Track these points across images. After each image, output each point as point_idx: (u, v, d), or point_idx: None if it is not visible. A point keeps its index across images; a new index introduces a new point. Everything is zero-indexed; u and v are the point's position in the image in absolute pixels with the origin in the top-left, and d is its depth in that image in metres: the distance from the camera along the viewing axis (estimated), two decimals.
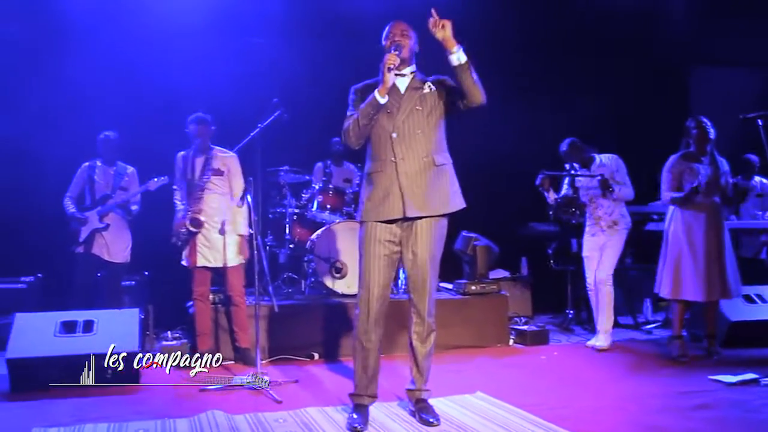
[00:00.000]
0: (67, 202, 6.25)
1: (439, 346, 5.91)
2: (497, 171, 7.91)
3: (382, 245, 3.96)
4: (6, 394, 4.84)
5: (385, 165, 3.95)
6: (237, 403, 4.53)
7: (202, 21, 7.33)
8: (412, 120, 3.95)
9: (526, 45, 8.25)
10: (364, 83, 4.11)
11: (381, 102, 3.87)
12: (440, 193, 3.99)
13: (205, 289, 5.68)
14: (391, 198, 3.92)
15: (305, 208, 6.78)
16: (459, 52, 3.79)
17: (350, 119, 3.98)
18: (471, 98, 3.86)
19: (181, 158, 5.76)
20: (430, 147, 3.97)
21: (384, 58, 3.85)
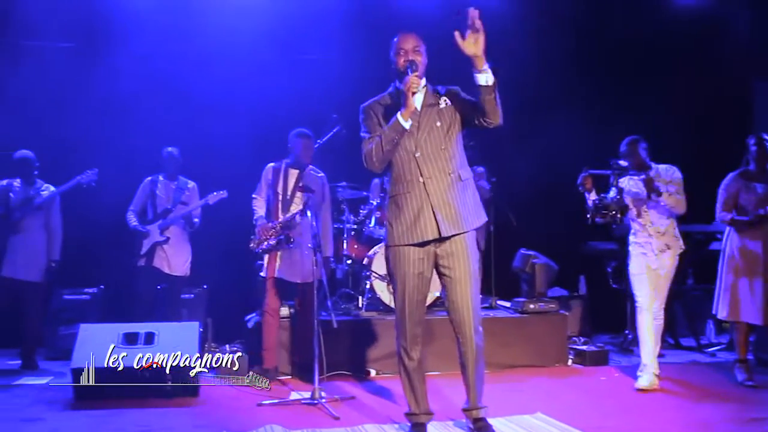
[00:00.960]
0: (130, 215, 6.37)
1: (496, 365, 5.95)
2: (556, 189, 7.79)
3: (414, 264, 3.89)
4: (70, 403, 4.94)
5: (412, 186, 3.85)
6: (294, 418, 4.54)
7: (258, 38, 7.44)
8: (433, 137, 3.87)
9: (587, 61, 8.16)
10: (371, 101, 4.04)
11: (405, 127, 3.77)
12: (470, 208, 3.91)
13: (277, 303, 5.70)
14: (422, 219, 3.82)
15: (363, 224, 6.79)
16: (488, 72, 3.67)
17: (371, 143, 3.86)
18: (490, 119, 3.77)
19: (272, 169, 5.79)
20: (454, 163, 3.90)
21: (406, 81, 3.75)
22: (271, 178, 5.77)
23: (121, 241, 6.48)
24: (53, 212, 6.35)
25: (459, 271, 3.88)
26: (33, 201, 6.22)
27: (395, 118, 3.77)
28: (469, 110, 3.88)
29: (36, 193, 6.29)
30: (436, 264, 3.93)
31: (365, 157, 3.88)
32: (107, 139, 7.19)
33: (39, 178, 6.38)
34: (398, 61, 3.91)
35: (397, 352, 4.02)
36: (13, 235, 6.17)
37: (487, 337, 5.79)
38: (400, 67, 3.88)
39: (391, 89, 4.05)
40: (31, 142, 6.52)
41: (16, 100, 6.97)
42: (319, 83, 7.41)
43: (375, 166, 3.89)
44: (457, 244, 3.87)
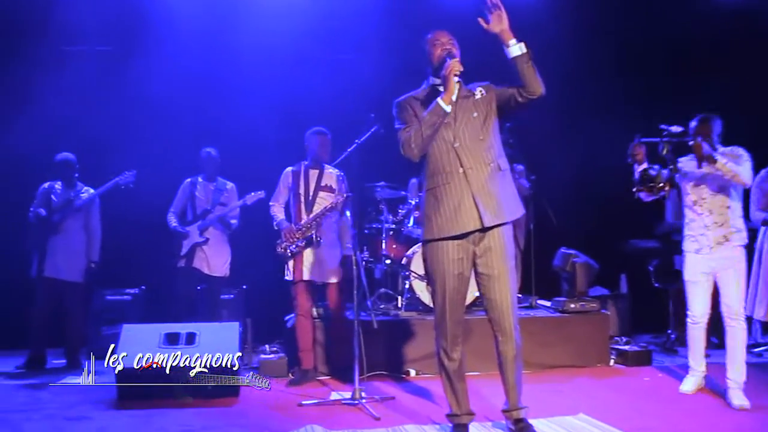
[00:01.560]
0: (170, 217, 6.43)
1: (537, 365, 5.90)
2: (597, 187, 7.73)
3: (454, 264, 3.85)
4: (114, 402, 5.00)
5: (452, 177, 3.82)
6: (335, 418, 4.54)
7: (295, 38, 7.48)
8: (470, 127, 3.86)
9: (629, 59, 8.04)
10: (406, 96, 4.04)
11: (447, 110, 3.77)
12: (509, 198, 3.89)
13: (308, 304, 5.71)
14: (463, 210, 3.78)
15: (401, 223, 6.78)
16: (519, 43, 3.72)
17: (409, 131, 3.85)
18: (532, 89, 3.75)
19: (291, 173, 5.81)
20: (493, 153, 3.88)
21: (447, 65, 3.76)
22: (291, 181, 5.78)
23: (162, 243, 6.54)
24: (92, 214, 6.45)
25: (497, 268, 3.84)
26: (73, 203, 6.32)
27: (435, 102, 3.77)
28: (506, 93, 3.87)
29: (76, 195, 6.39)
30: (474, 262, 3.89)
31: (403, 144, 3.86)
32: (147, 141, 7.28)
33: (79, 181, 6.48)
34: (435, 52, 3.93)
35: (437, 353, 3.99)
36: (55, 237, 6.28)
37: (528, 337, 5.77)
38: (437, 57, 3.91)
39: (425, 86, 4.05)
40: (72, 145, 6.65)
41: (58, 104, 7.08)
42: (357, 83, 7.40)
43: (414, 153, 3.85)
44: (495, 239, 3.83)
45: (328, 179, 5.76)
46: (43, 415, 4.70)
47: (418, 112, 3.89)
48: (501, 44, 3.76)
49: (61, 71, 7.27)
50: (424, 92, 4.01)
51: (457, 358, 3.94)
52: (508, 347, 3.90)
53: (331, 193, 5.72)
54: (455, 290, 3.88)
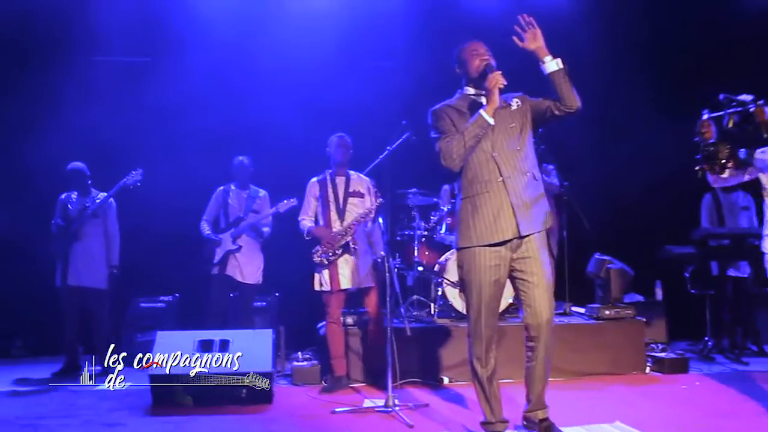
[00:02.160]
0: (203, 224, 6.47)
1: (572, 373, 5.84)
2: (631, 193, 7.65)
3: (491, 270, 3.87)
4: (149, 408, 5.04)
5: (490, 185, 3.86)
6: (368, 425, 4.54)
7: (328, 46, 7.50)
8: (508, 137, 3.91)
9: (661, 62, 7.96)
10: (441, 104, 4.07)
11: (491, 122, 3.82)
12: (542, 208, 3.94)
13: (339, 312, 5.71)
14: (502, 218, 3.83)
15: (433, 230, 6.75)
16: (555, 59, 3.80)
17: (450, 141, 3.88)
18: (569, 103, 3.83)
19: (317, 183, 5.81)
20: (528, 163, 3.94)
21: (491, 77, 3.81)
22: (318, 190, 5.77)
23: (195, 250, 6.58)
24: (109, 219, 6.50)
25: (537, 275, 3.87)
26: (87, 210, 6.37)
27: (478, 114, 3.82)
28: (542, 106, 3.93)
29: (92, 202, 6.44)
30: (511, 269, 3.91)
31: (443, 154, 3.89)
32: (179, 150, 7.35)
33: (94, 188, 6.53)
34: (473, 62, 3.98)
35: (470, 360, 3.99)
36: (74, 245, 6.33)
37: (562, 344, 5.77)
38: (476, 68, 3.95)
39: (458, 95, 4.09)
40: (101, 154, 6.73)
41: (87, 114, 7.17)
42: (389, 90, 7.41)
43: (455, 163, 3.88)
44: (531, 245, 3.87)
45: (357, 185, 5.76)
46: (80, 421, 4.75)
47: (456, 121, 3.93)
48: (537, 60, 3.84)
49: (92, 81, 7.38)
50: (459, 101, 4.05)
51: (491, 365, 3.94)
52: (541, 352, 3.93)
53: (360, 198, 5.71)
54: (491, 297, 3.90)
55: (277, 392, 5.35)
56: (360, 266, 5.62)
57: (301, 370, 5.82)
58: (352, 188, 5.73)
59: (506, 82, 3.82)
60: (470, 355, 3.98)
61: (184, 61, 7.53)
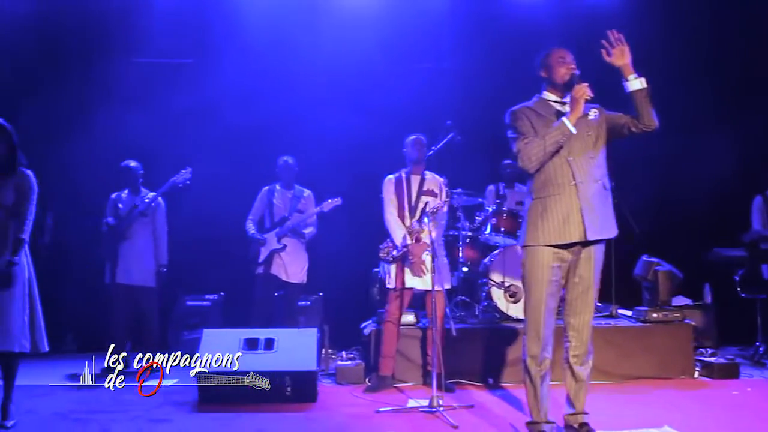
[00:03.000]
0: (248, 224, 6.53)
1: (619, 376, 5.77)
2: (680, 194, 7.53)
3: (552, 270, 3.94)
4: (195, 404, 5.10)
5: (562, 188, 3.92)
6: (412, 425, 4.53)
7: (373, 48, 7.53)
8: (584, 144, 3.97)
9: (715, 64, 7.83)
10: (521, 106, 4.10)
11: (572, 131, 3.87)
12: (610, 218, 4.01)
13: (399, 312, 5.68)
14: (571, 221, 3.89)
15: (478, 230, 6.72)
16: (639, 78, 3.87)
17: (529, 143, 3.93)
18: (647, 122, 3.92)
19: (394, 180, 5.80)
20: (601, 171, 4.01)
21: (578, 88, 3.86)
22: (393, 188, 5.78)
23: (240, 250, 6.64)
24: (158, 218, 6.58)
25: (589, 280, 3.98)
26: (137, 208, 6.46)
27: (561, 121, 3.88)
28: (620, 121, 4.01)
29: (141, 201, 6.53)
30: (568, 270, 4.00)
31: (522, 155, 3.95)
32: (224, 151, 7.44)
33: (144, 187, 6.62)
34: (558, 69, 4.01)
35: (524, 358, 4.02)
36: (124, 243, 6.41)
37: (608, 347, 5.71)
38: (561, 76, 3.99)
39: (536, 99, 4.12)
40: (146, 154, 6.79)
41: (130, 115, 7.27)
42: (433, 92, 7.40)
43: (532, 166, 3.95)
44: (592, 252, 3.97)
45: (430, 184, 5.75)
46: (128, 416, 4.82)
47: (535, 124, 3.99)
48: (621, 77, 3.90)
49: (134, 83, 7.51)
50: (538, 105, 4.08)
51: (545, 364, 3.98)
52: (581, 352, 4.01)
53: (434, 197, 5.69)
54: (551, 296, 3.95)
55: (321, 391, 5.38)
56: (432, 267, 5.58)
57: (345, 369, 5.84)
58: (426, 187, 5.73)
59: (592, 95, 3.87)
60: (524, 353, 4.02)
61: (226, 62, 7.62)
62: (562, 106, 4.02)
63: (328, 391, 5.52)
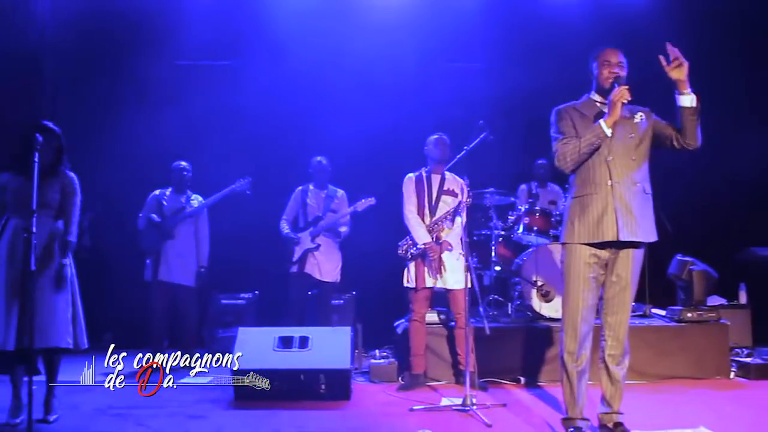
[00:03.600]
0: (282, 224, 6.60)
1: (653, 376, 5.74)
2: (715, 192, 7.46)
3: (590, 266, 3.97)
4: (231, 402, 5.16)
5: (600, 188, 3.95)
6: (446, 424, 4.55)
7: (406, 47, 7.55)
8: (625, 146, 3.98)
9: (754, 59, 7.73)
10: (566, 105, 4.13)
11: (608, 134, 3.88)
12: (648, 222, 4.00)
13: (424, 310, 5.72)
14: (605, 221, 3.91)
15: (511, 230, 6.72)
16: (692, 94, 3.85)
17: (566, 144, 3.98)
18: (690, 140, 3.93)
19: (414, 178, 5.82)
20: (640, 174, 4.01)
21: (616, 91, 3.85)
22: (414, 186, 5.79)
23: (275, 249, 6.71)
24: (201, 220, 6.67)
25: (628, 279, 3.99)
26: (184, 210, 6.56)
27: (598, 123, 3.88)
28: (665, 131, 4.01)
29: (186, 201, 6.62)
30: (606, 268, 4.02)
31: (558, 156, 4.01)
32: (259, 150, 7.52)
33: (189, 188, 6.72)
34: (602, 72, 4.02)
35: (561, 354, 4.05)
36: (167, 242, 6.51)
37: (643, 346, 5.68)
38: (605, 78, 4.00)
39: (584, 98, 4.14)
40: (183, 154, 6.87)
41: (170, 115, 7.39)
42: (466, 91, 7.41)
43: (568, 167, 4.01)
44: (632, 252, 3.98)
45: (451, 184, 5.76)
46: (165, 412, 4.89)
47: (577, 124, 4.02)
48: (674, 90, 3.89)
49: (172, 84, 7.61)
50: (584, 105, 4.10)
51: (582, 360, 4.00)
52: (618, 351, 4.04)
53: (454, 197, 5.70)
54: (588, 292, 3.98)
55: (355, 389, 5.42)
56: (449, 266, 5.62)
57: (379, 368, 5.88)
58: (446, 186, 5.74)
59: (631, 98, 3.87)
60: (561, 349, 4.05)
61: (261, 64, 7.69)
62: (606, 108, 4.01)
63: (361, 389, 5.56)
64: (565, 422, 4.06)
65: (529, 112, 6.85)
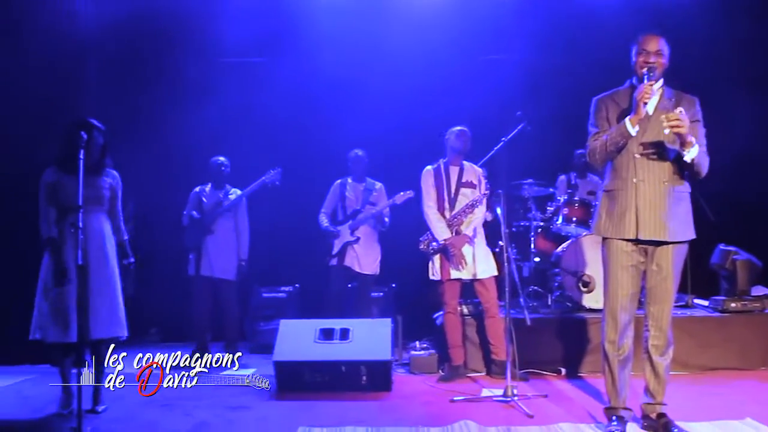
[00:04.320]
0: (321, 217, 6.66)
1: (696, 367, 5.69)
2: (758, 181, 7.33)
3: (628, 255, 3.94)
4: (273, 393, 5.23)
5: (626, 184, 3.92)
6: (488, 414, 4.55)
7: (440, 39, 7.54)
8: (657, 143, 3.88)
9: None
10: (605, 94, 4.08)
11: (632, 133, 3.84)
12: (679, 220, 3.91)
13: (456, 301, 5.74)
14: (626, 218, 3.90)
15: (550, 221, 6.70)
16: (692, 151, 3.78)
17: (596, 141, 3.96)
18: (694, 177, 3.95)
19: (432, 171, 5.83)
20: (671, 172, 3.90)
21: (639, 89, 3.78)
22: (432, 179, 5.79)
23: (314, 242, 6.76)
24: (240, 214, 6.73)
25: (669, 269, 3.93)
26: (222, 204, 6.64)
27: (624, 122, 3.83)
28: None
29: (224, 196, 6.70)
30: (647, 258, 3.97)
31: (589, 152, 4.03)
32: (297, 145, 7.58)
33: (227, 183, 6.80)
34: (638, 60, 3.95)
35: (603, 344, 4.04)
36: (207, 237, 6.59)
37: (685, 337, 5.62)
38: (639, 68, 3.92)
39: (627, 85, 4.08)
40: (224, 149, 6.94)
41: (211, 112, 7.45)
42: (503, 83, 7.38)
43: (597, 163, 4.03)
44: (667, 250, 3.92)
45: (469, 176, 5.76)
46: (209, 403, 4.97)
47: (611, 116, 3.98)
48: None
49: (214, 81, 7.69)
50: (623, 93, 4.04)
51: (624, 349, 3.98)
52: (661, 342, 3.99)
53: (473, 189, 5.71)
54: (628, 280, 3.95)
55: (396, 380, 5.45)
56: (474, 257, 5.63)
57: (419, 359, 5.91)
58: (465, 178, 5.74)
59: (653, 95, 3.81)
60: (603, 339, 4.03)
61: (299, 61, 7.73)
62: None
63: (402, 381, 5.59)
64: (607, 411, 4.05)
65: (567, 102, 6.80)
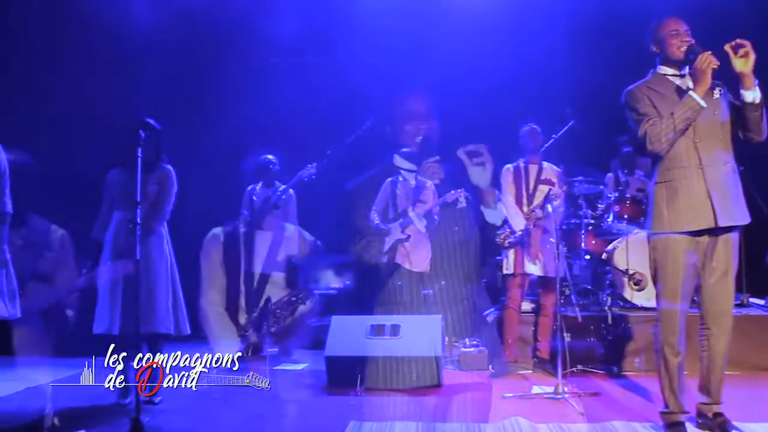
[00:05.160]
0: (373, 215, 6.72)
1: (751, 367, 5.61)
2: None
3: (687, 254, 3.82)
4: (325, 388, 5.32)
5: (690, 172, 3.78)
6: (538, 411, 4.56)
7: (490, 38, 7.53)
8: (711, 125, 3.80)
9: None
10: (636, 85, 3.95)
11: (703, 105, 3.69)
12: (742, 202, 3.84)
13: (520, 297, 5.76)
14: (699, 207, 3.75)
15: (600, 218, 6.67)
16: (756, 90, 3.68)
17: (656, 125, 3.75)
18: (753, 134, 3.81)
19: (512, 169, 5.89)
20: (729, 153, 3.83)
21: (701, 58, 3.67)
22: (512, 177, 5.84)
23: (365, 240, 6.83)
24: (289, 210, 6.84)
25: (728, 263, 3.83)
26: (270, 201, 6.74)
27: (688, 95, 3.71)
28: (735, 115, 3.83)
29: (273, 193, 6.80)
30: (704, 255, 3.86)
31: (650, 138, 3.77)
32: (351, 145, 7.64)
33: (277, 180, 6.89)
34: (672, 42, 3.84)
35: (659, 347, 3.91)
36: (257, 234, 6.71)
37: (740, 337, 5.52)
38: (677, 48, 3.82)
39: (651, 75, 3.98)
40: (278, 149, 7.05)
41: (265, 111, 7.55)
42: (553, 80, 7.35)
43: (663, 147, 3.78)
44: (727, 236, 3.82)
45: (548, 174, 5.83)
46: (264, 396, 5.02)
47: (656, 103, 3.83)
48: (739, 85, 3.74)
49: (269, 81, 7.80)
50: (654, 82, 3.94)
51: (681, 351, 3.87)
52: (720, 341, 3.89)
53: (551, 186, 5.75)
54: (685, 282, 3.84)
55: (446, 376, 5.46)
56: (547, 254, 5.64)
57: (469, 356, 5.93)
58: (544, 176, 5.81)
59: (719, 63, 3.69)
60: (658, 342, 3.91)
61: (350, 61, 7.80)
62: (681, 79, 3.86)
63: (452, 377, 5.63)
64: (664, 416, 3.94)
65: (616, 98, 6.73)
